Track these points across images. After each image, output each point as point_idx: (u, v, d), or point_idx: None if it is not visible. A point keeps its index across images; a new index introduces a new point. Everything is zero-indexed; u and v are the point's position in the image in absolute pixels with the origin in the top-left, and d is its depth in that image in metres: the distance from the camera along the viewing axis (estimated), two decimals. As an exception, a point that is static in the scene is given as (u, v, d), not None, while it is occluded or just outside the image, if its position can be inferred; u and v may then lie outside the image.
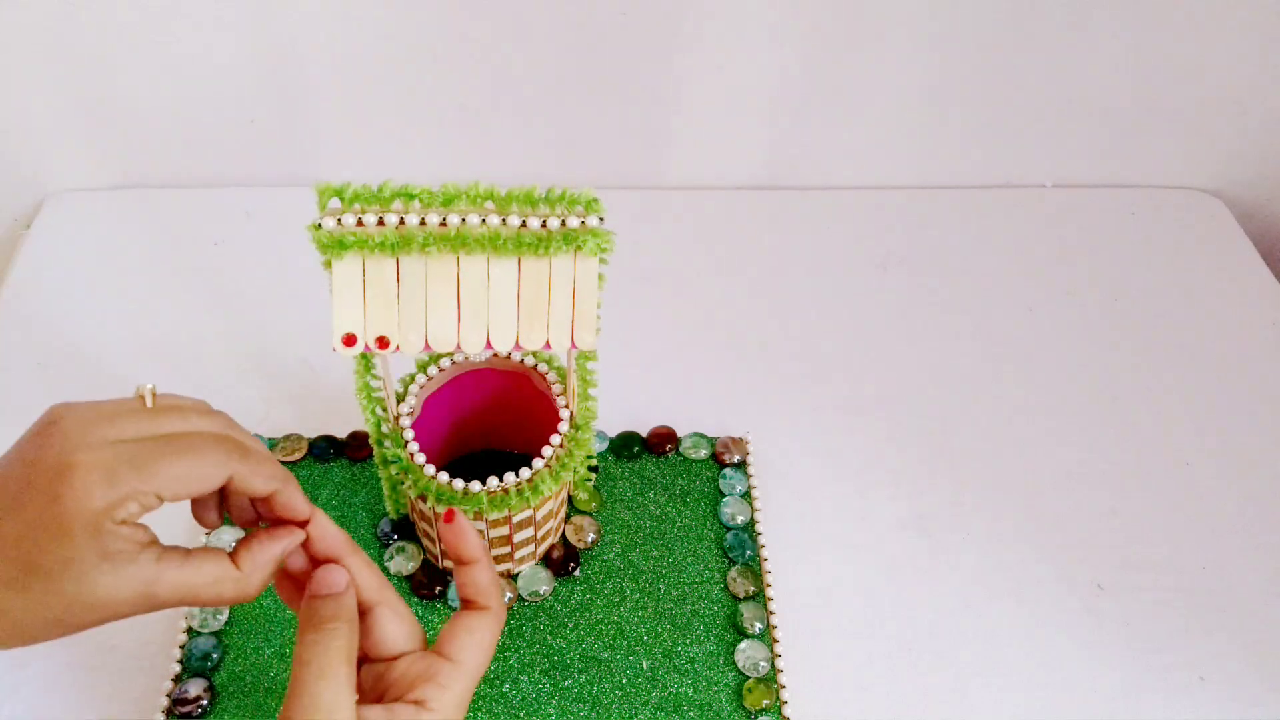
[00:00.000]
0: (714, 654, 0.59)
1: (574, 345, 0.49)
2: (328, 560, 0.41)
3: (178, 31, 0.75)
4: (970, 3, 0.77)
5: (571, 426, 0.56)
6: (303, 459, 0.67)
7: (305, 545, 0.41)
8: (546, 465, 0.55)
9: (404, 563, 0.62)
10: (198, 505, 0.42)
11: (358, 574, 0.41)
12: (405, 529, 0.63)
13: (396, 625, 0.42)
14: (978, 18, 0.78)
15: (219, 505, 0.43)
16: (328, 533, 0.42)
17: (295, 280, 0.71)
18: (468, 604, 0.43)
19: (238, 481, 0.39)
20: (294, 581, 0.42)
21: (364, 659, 0.41)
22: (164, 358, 0.73)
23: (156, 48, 0.76)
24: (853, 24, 0.78)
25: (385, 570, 0.62)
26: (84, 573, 0.35)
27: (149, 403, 0.39)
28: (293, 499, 0.41)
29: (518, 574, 0.62)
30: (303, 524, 0.41)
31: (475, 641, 0.41)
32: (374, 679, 0.41)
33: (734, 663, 0.59)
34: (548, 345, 0.48)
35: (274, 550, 0.40)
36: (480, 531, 0.43)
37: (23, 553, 0.35)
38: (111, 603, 0.36)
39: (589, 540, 0.64)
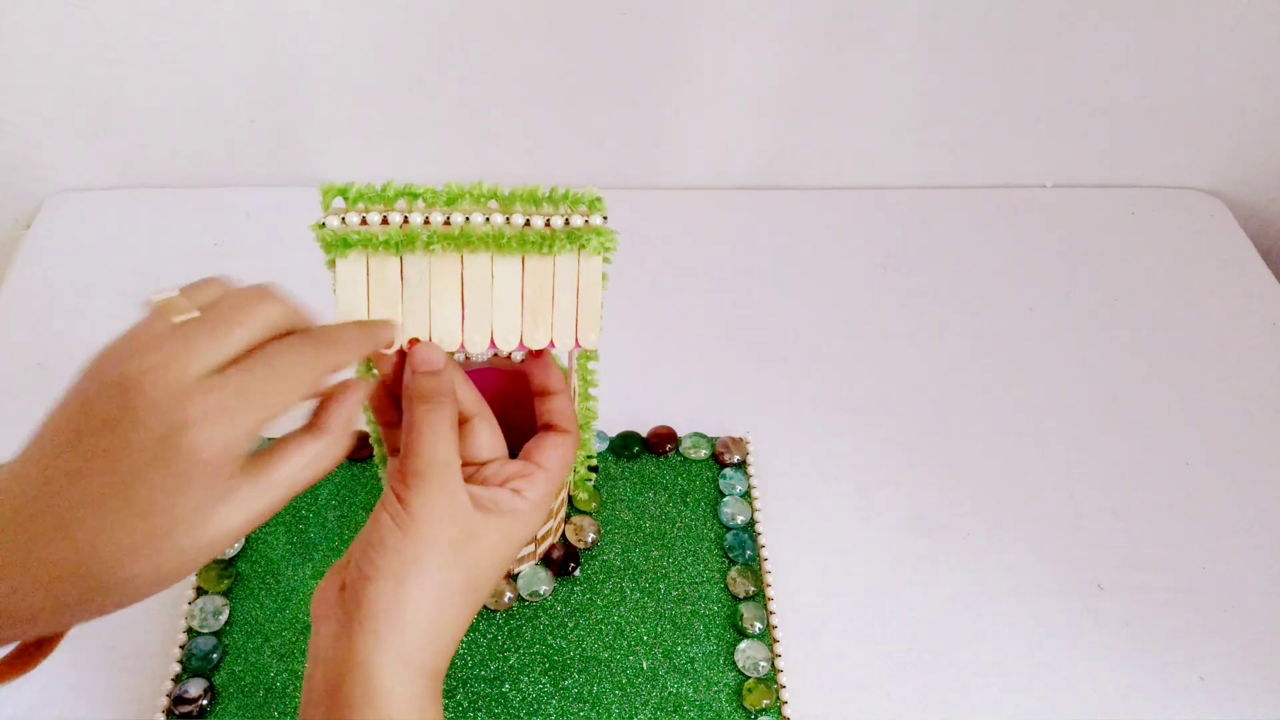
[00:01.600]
0: (714, 654, 0.59)
1: (578, 344, 0.49)
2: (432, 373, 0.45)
3: (178, 32, 0.75)
4: (970, 3, 0.77)
5: (572, 426, 0.56)
6: (303, 459, 0.67)
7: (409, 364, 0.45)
8: (547, 465, 0.55)
9: (404, 562, 0.62)
10: None
11: (460, 389, 0.46)
12: (406, 529, 0.63)
13: (489, 434, 0.46)
14: (977, 18, 0.78)
15: None
16: (431, 349, 0.45)
17: (295, 281, 0.69)
18: (549, 427, 0.48)
19: (332, 373, 0.40)
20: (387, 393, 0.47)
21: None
22: (164, 357, 0.73)
23: (156, 48, 0.76)
24: (852, 24, 0.78)
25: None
26: (207, 518, 0.35)
27: (178, 316, 0.36)
28: (381, 344, 0.44)
29: (518, 574, 0.62)
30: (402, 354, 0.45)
31: (560, 455, 0.46)
32: (466, 476, 0.44)
33: (734, 663, 0.59)
34: (552, 344, 0.48)
35: (350, 405, 0.42)
36: None
37: (147, 519, 0.34)
38: (228, 536, 0.36)
39: (589, 540, 0.64)
